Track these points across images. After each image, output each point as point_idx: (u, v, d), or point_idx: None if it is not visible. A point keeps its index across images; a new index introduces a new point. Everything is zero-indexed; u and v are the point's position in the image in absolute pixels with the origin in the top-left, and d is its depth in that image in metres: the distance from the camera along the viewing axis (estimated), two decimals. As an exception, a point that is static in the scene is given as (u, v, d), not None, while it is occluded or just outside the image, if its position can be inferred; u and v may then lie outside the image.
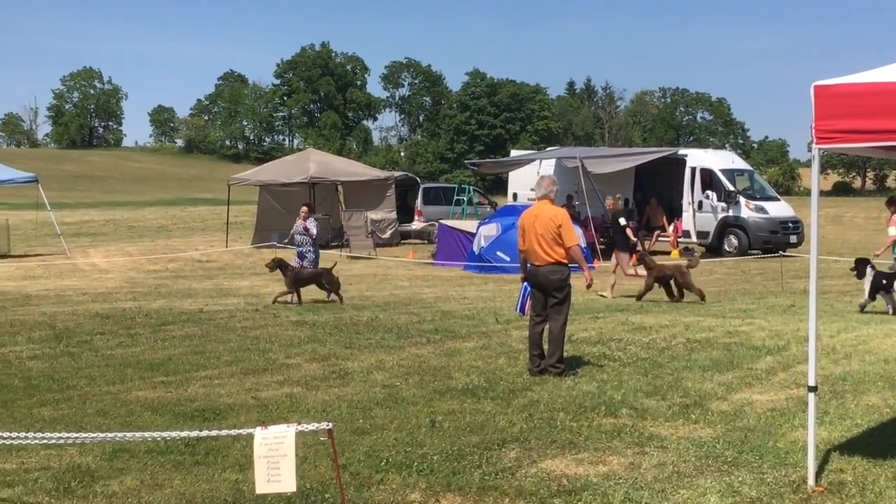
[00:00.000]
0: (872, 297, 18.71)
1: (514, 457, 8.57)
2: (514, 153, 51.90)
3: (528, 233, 12.33)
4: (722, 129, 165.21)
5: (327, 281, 20.89)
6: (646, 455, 8.60)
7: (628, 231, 22.99)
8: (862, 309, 18.74)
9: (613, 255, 23.05)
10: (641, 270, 22.04)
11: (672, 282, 21.32)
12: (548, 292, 12.35)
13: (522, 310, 13.01)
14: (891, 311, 18.41)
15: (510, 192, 42.06)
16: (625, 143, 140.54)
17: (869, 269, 18.77)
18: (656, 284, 21.30)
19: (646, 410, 10.32)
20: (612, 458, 8.53)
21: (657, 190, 36.71)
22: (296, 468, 6.12)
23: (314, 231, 22.21)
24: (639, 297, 21.33)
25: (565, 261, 12.30)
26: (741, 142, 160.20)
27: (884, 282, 18.69)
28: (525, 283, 12.93)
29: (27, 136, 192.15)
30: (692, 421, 9.87)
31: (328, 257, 30.94)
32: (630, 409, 10.38)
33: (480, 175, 48.97)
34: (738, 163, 38.72)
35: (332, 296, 21.12)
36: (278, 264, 20.90)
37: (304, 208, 22.64)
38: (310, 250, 22.29)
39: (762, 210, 34.62)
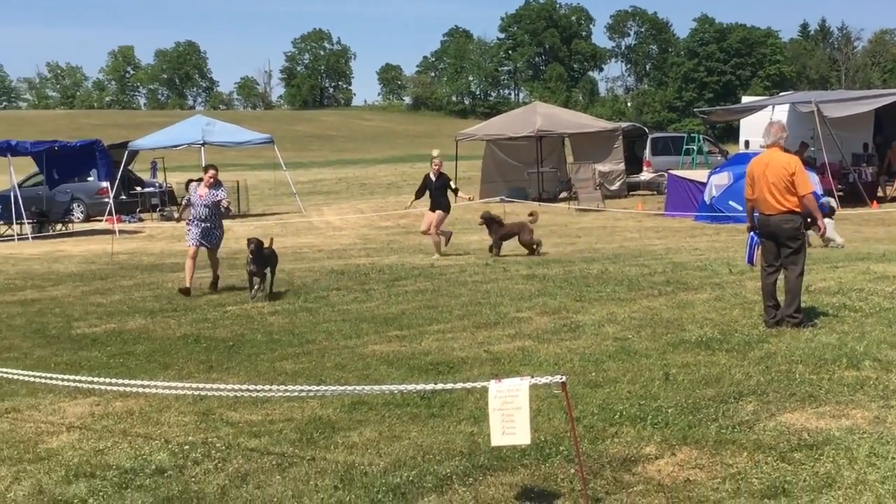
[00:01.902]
0: None
1: (751, 410, 8.37)
2: (745, 100, 50.52)
3: (759, 181, 11.96)
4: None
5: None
6: (892, 409, 8.26)
7: (461, 195, 22.60)
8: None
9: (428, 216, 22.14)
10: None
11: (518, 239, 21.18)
12: (781, 242, 11.98)
13: (751, 260, 12.63)
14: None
15: (742, 139, 41.00)
16: (863, 85, 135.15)
17: None
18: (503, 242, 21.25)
19: (891, 363, 9.90)
20: (854, 411, 8.23)
21: (899, 133, 35.15)
22: (530, 421, 6.13)
23: (226, 202, 17.40)
24: (490, 250, 21.22)
25: (798, 209, 11.90)
26: None
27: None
28: (751, 234, 12.55)
29: (262, 98, 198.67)
30: (941, 373, 9.43)
31: (555, 211, 30.91)
32: (873, 361, 9.98)
33: (710, 123, 48.09)
34: None
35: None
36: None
37: (212, 171, 17.24)
38: (217, 227, 17.42)
39: None
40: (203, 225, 17.06)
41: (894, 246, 20.37)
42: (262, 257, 15.89)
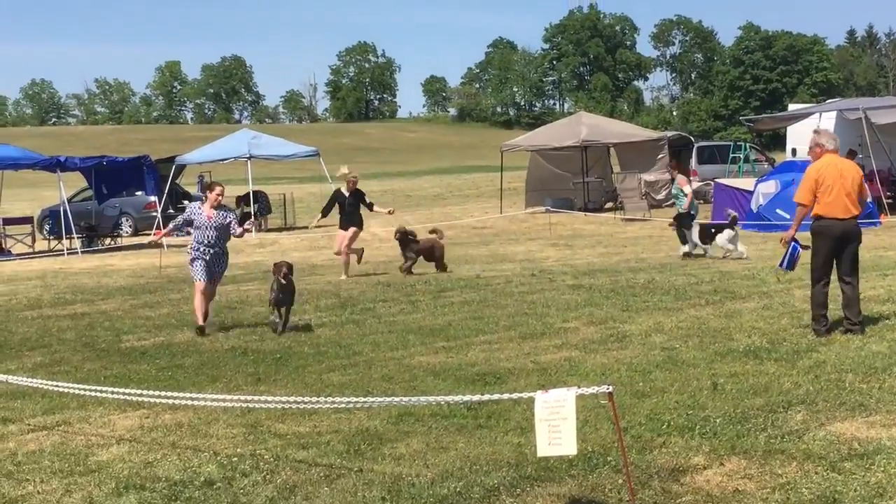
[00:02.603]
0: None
1: (800, 419, 8.31)
2: (791, 107, 50.20)
3: (834, 186, 11.89)
4: None
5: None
6: (943, 418, 8.19)
7: (377, 208, 22.39)
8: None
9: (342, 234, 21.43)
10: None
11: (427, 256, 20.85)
12: (848, 247, 12.03)
13: (791, 265, 12.52)
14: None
15: (789, 147, 40.70)
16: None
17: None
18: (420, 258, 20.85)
19: (942, 371, 9.82)
20: (906, 420, 8.16)
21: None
22: (577, 431, 6.12)
23: (238, 230, 15.05)
24: (402, 269, 20.67)
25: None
26: None
27: (713, 231, 21.52)
28: (794, 242, 12.43)
29: (307, 111, 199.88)
30: None
31: (601, 221, 30.85)
32: (925, 369, 9.90)
33: (757, 131, 47.53)
34: None
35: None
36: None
37: (218, 189, 15.10)
38: (225, 252, 15.20)
39: None
40: (212, 251, 14.74)
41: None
42: (291, 285, 14.39)
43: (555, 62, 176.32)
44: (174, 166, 38.12)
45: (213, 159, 38.01)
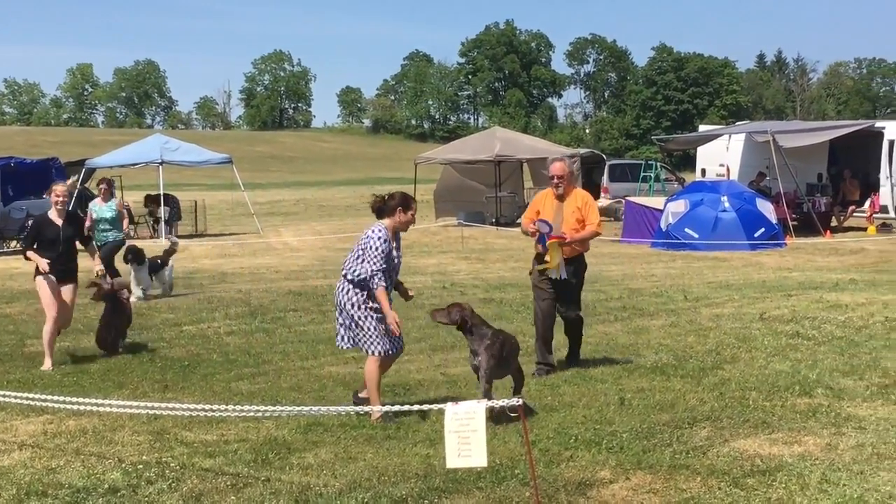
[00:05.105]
0: None
1: (705, 436, 8.44)
2: (702, 128, 50.92)
3: None
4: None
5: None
6: (843, 436, 8.37)
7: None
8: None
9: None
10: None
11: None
12: None
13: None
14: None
15: (698, 167, 41.30)
16: (817, 116, 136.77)
17: None
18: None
19: (842, 390, 10.03)
20: (807, 438, 8.32)
21: (852, 164, 35.49)
22: (486, 444, 6.15)
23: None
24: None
25: None
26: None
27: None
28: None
29: (221, 118, 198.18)
30: (892, 402, 9.54)
31: (512, 235, 31.04)
32: (826, 388, 10.10)
33: (667, 151, 48.19)
34: (940, 134, 37.06)
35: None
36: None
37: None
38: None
39: (968, 184, 33.08)
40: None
41: (847, 275, 20.58)
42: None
43: (470, 76, 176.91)
44: (84, 170, 37.57)
45: (125, 164, 37.50)
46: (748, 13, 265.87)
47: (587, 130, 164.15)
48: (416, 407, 7.07)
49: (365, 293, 9.32)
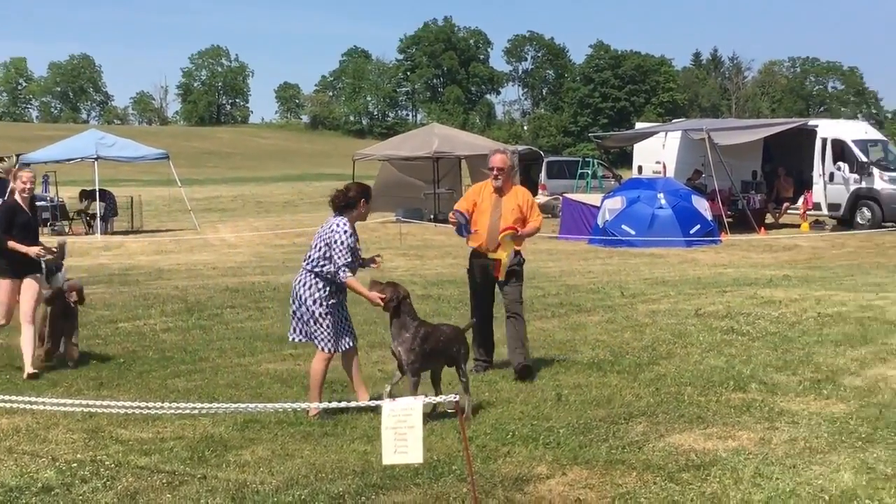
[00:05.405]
0: None
1: (641, 431, 8.51)
2: (638, 126, 51.41)
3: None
4: (854, 98, 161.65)
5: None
6: (776, 430, 8.47)
7: None
8: None
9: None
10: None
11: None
12: None
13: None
14: None
15: (635, 164, 41.63)
16: (752, 114, 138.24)
17: None
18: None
19: (776, 385, 10.16)
20: (741, 433, 8.42)
21: (786, 162, 35.98)
22: (423, 440, 6.16)
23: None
24: None
25: None
26: (874, 111, 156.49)
27: None
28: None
29: (158, 114, 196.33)
30: (824, 396, 9.68)
31: (450, 231, 31.05)
32: (759, 383, 10.23)
33: (605, 148, 48.57)
34: (872, 133, 37.66)
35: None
36: None
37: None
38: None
39: (897, 181, 33.65)
40: None
41: (780, 272, 20.84)
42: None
43: (409, 73, 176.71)
44: (17, 165, 37.07)
45: (59, 159, 37.08)
46: (684, 12, 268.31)
47: (525, 127, 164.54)
48: (353, 404, 7.08)
49: (328, 288, 9.29)
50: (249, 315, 15.62)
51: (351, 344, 9.62)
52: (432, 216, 37.14)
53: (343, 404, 6.89)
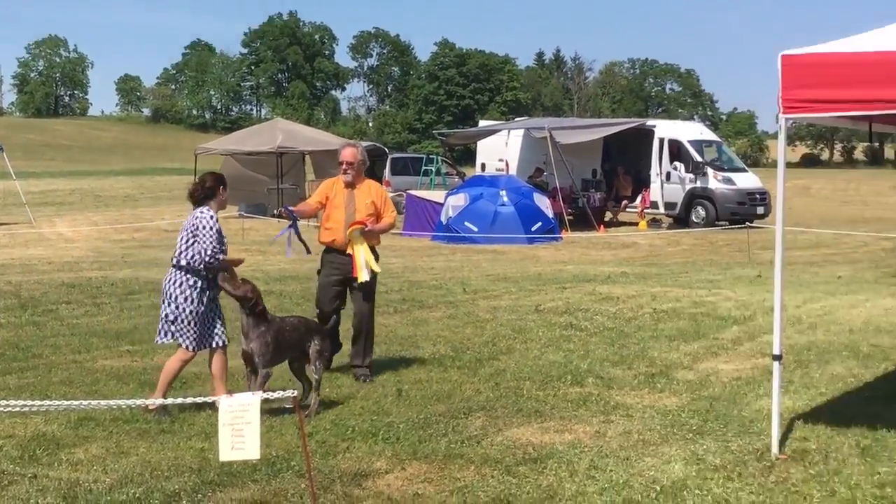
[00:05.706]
0: None
1: (480, 425, 8.59)
2: (482, 124, 51.83)
3: None
4: (691, 100, 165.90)
5: None
6: (611, 424, 8.65)
7: None
8: None
9: None
10: None
11: None
12: None
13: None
14: None
15: (478, 162, 41.99)
16: (593, 114, 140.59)
17: None
18: None
19: (612, 380, 10.37)
20: (577, 426, 8.57)
21: (625, 161, 36.78)
22: (261, 436, 6.10)
23: None
24: None
25: None
26: (710, 113, 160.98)
27: None
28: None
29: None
30: (658, 390, 9.92)
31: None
32: (596, 378, 10.43)
33: (449, 145, 48.92)
34: (707, 134, 38.84)
35: None
36: None
37: None
38: None
39: (730, 181, 34.73)
40: None
41: (619, 269, 21.27)
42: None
43: (253, 67, 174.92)
44: None
45: None
46: (528, 12, 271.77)
47: (370, 124, 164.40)
48: (189, 400, 6.98)
49: (200, 283, 9.27)
50: (86, 311, 15.27)
51: (221, 342, 9.52)
52: (276, 211, 36.83)
53: (179, 401, 6.79)
